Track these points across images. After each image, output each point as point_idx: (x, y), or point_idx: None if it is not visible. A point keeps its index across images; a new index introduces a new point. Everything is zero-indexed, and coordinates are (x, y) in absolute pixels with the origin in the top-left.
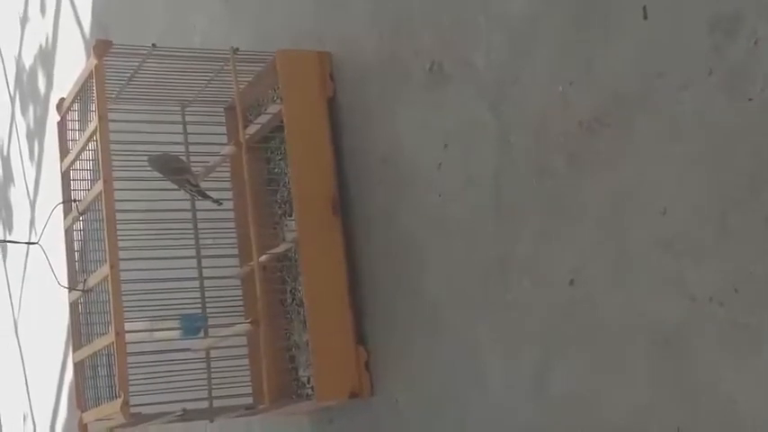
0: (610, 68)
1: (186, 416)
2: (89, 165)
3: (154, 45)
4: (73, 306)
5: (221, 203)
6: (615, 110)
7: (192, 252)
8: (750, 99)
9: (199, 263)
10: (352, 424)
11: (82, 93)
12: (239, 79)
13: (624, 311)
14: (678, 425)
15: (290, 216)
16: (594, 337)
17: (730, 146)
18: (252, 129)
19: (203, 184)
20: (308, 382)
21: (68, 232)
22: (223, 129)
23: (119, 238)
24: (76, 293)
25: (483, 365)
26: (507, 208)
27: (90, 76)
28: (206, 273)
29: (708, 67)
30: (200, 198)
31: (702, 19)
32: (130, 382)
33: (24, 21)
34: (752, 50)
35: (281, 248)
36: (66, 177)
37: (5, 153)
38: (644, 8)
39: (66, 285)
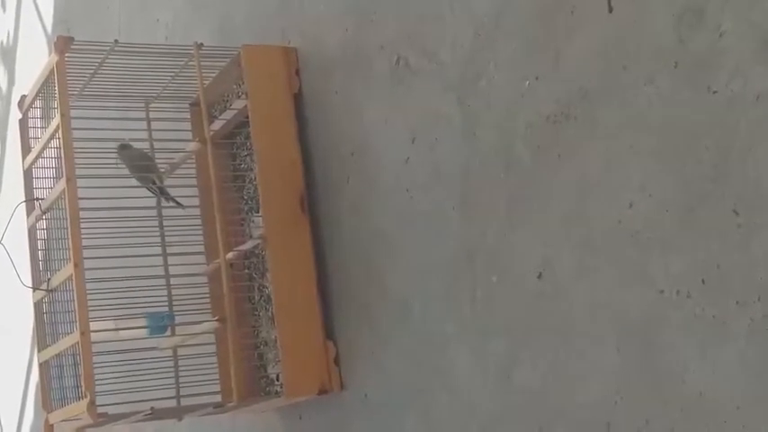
0: (575, 62)
1: (154, 415)
2: (52, 162)
3: (116, 41)
4: (37, 306)
5: (184, 207)
6: (581, 103)
7: (158, 250)
8: (715, 92)
9: (165, 260)
10: (322, 419)
11: (44, 90)
12: (204, 75)
13: (592, 304)
14: (646, 417)
15: (257, 212)
16: (562, 330)
17: (696, 139)
18: (217, 125)
19: (168, 181)
20: (277, 379)
21: (32, 231)
22: (188, 125)
23: (83, 236)
24: (41, 293)
25: (451, 359)
26: (475, 202)
27: (52, 73)
28: (172, 270)
29: (673, 60)
30: (162, 198)
31: (667, 12)
32: (97, 382)
33: None
34: (717, 43)
35: (247, 245)
36: (28, 175)
37: None
38: (609, 1)
39: (30, 285)
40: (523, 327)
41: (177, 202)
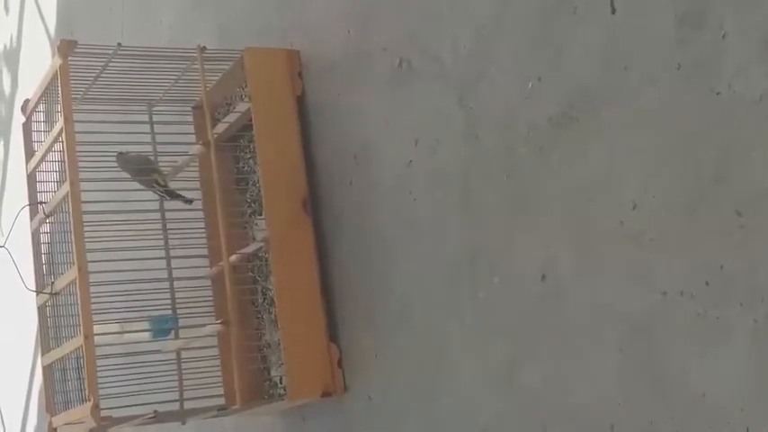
0: (578, 63)
1: (158, 418)
2: (55, 166)
3: (119, 44)
4: (41, 309)
5: (192, 202)
6: (583, 104)
7: (162, 253)
8: (718, 93)
9: (168, 263)
10: (326, 422)
11: (47, 93)
12: (207, 78)
13: (595, 305)
14: (649, 419)
15: (260, 215)
16: (565, 332)
17: (698, 140)
18: (220, 128)
19: (171, 185)
20: (281, 382)
21: (35, 235)
22: (191, 128)
23: (86, 239)
24: (44, 296)
25: (454, 361)
26: (477, 204)
27: (55, 77)
28: (176, 273)
29: (675, 62)
30: (168, 198)
31: (670, 12)
32: (100, 385)
33: None
34: (719, 44)
35: (251, 248)
36: (32, 179)
37: None
38: (611, 2)
39: (34, 288)
40: (526, 328)
41: (185, 199)
